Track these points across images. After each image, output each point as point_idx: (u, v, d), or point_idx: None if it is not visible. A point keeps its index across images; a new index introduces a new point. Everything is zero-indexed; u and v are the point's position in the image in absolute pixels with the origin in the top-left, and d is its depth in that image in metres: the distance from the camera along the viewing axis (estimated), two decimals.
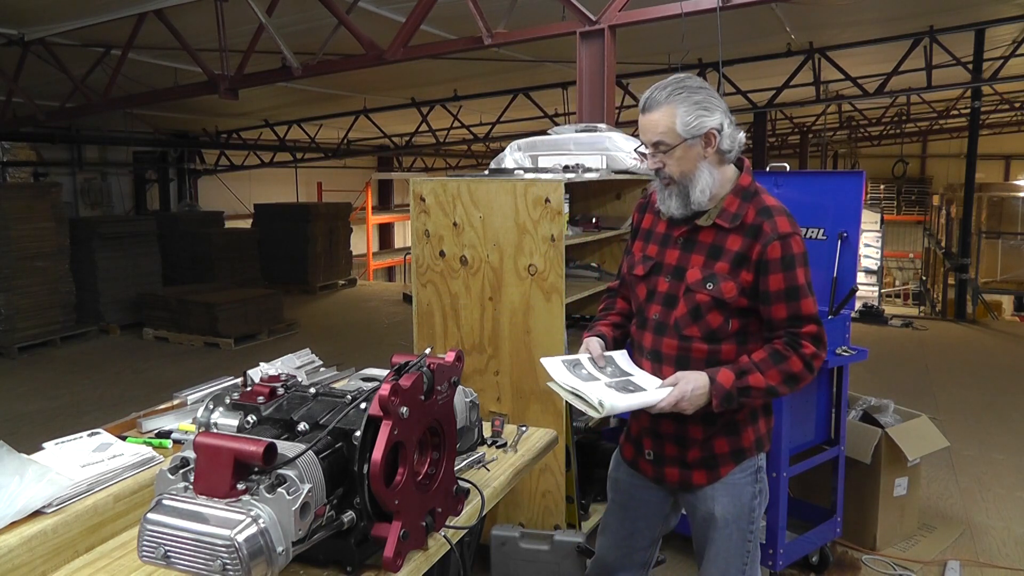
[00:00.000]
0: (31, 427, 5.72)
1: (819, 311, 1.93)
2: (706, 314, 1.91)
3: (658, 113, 1.86)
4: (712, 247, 1.91)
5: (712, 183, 1.89)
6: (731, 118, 1.91)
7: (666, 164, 1.90)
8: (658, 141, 1.88)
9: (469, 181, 3.08)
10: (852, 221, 3.18)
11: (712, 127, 1.85)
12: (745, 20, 6.88)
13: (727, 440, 1.97)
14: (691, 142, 1.85)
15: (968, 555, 3.49)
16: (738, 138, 1.91)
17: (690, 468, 2.00)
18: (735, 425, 1.97)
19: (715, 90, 1.91)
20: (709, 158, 1.88)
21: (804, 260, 1.89)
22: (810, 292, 1.89)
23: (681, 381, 1.85)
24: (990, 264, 11.45)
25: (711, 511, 1.99)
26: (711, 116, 1.85)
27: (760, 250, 1.85)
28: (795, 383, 1.88)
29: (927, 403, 5.77)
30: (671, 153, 1.87)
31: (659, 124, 1.86)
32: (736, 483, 1.98)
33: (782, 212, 1.90)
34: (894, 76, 9.59)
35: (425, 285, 3.20)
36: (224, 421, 1.52)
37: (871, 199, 21.73)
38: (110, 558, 1.57)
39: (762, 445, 2.02)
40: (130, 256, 9.64)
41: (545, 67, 8.66)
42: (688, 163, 1.88)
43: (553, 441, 2.33)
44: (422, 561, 1.55)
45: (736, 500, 1.99)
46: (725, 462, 1.98)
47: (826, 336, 1.91)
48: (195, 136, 13.67)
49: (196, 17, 5.88)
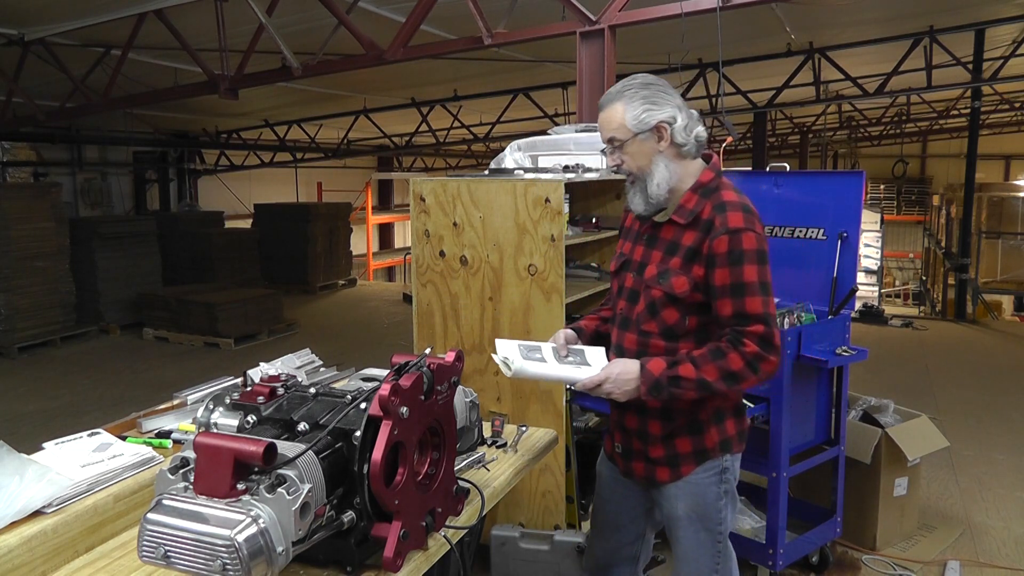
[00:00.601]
0: (31, 427, 5.72)
1: (769, 314, 1.85)
2: (661, 310, 1.93)
3: (609, 110, 1.92)
4: (670, 243, 1.94)
5: (669, 177, 1.92)
6: (688, 113, 1.93)
7: (624, 160, 1.94)
8: (611, 137, 1.93)
9: (469, 181, 3.08)
10: (852, 221, 3.18)
11: (661, 120, 1.89)
12: (745, 20, 6.88)
13: (690, 440, 1.98)
14: (643, 136, 1.90)
15: (968, 555, 3.49)
16: (695, 132, 1.92)
17: (654, 464, 2.03)
18: (698, 425, 1.97)
19: (672, 87, 1.95)
20: (665, 152, 1.91)
21: (756, 258, 1.85)
22: (761, 292, 1.85)
23: (611, 363, 1.89)
24: (990, 264, 11.44)
25: (675, 509, 2.02)
26: (660, 110, 1.89)
27: (709, 244, 1.86)
28: (735, 381, 1.85)
29: (927, 403, 5.77)
30: (625, 148, 1.92)
31: (611, 120, 1.92)
32: (699, 483, 1.99)
33: (737, 208, 1.89)
34: (894, 76, 9.59)
35: (425, 285, 3.20)
36: (224, 421, 1.52)
37: (871, 199, 21.73)
38: (110, 558, 1.57)
39: (729, 447, 2.01)
40: (130, 256, 9.64)
41: (545, 67, 8.66)
42: (643, 158, 1.92)
43: (553, 441, 2.33)
44: (422, 561, 1.55)
45: (699, 499, 2.00)
46: (687, 461, 1.99)
47: (777, 339, 1.85)
48: (195, 136, 13.67)
49: (196, 17, 5.88)
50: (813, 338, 2.98)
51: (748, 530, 3.28)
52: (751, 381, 1.86)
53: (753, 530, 3.28)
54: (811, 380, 3.15)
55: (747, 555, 3.15)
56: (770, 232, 3.41)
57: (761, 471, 3.04)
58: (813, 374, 3.13)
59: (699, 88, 9.78)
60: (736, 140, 13.31)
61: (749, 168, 13.50)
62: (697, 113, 1.97)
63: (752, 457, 3.09)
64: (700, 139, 1.94)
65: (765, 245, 1.88)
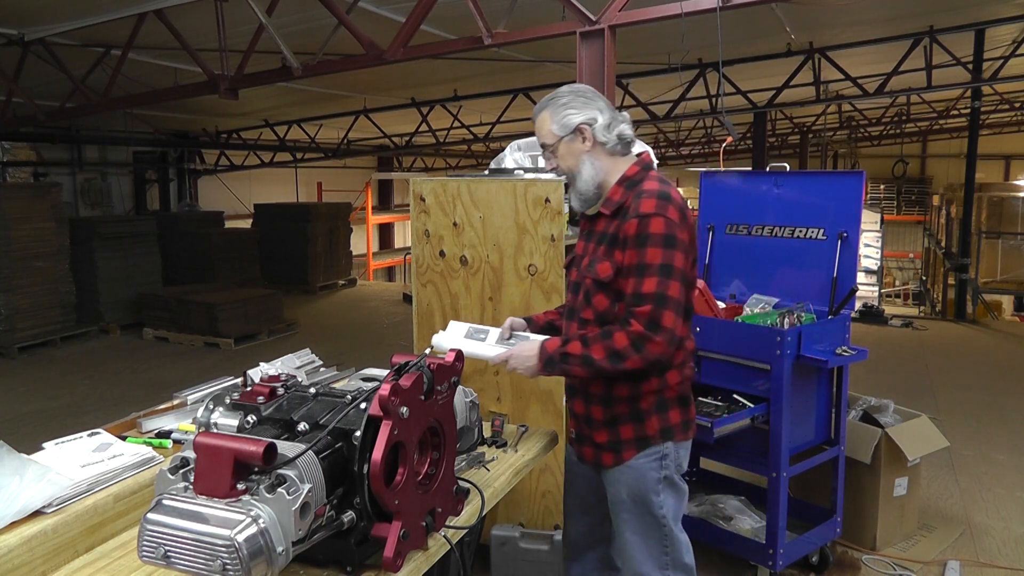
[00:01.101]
0: (31, 427, 5.72)
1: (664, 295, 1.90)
2: (593, 296, 2.06)
3: (539, 120, 2.11)
4: (600, 234, 2.09)
5: (595, 174, 2.07)
6: (610, 114, 2.07)
7: (557, 163, 2.11)
8: (543, 143, 2.11)
9: (469, 181, 3.08)
10: (852, 221, 3.18)
11: (580, 122, 2.05)
12: (745, 20, 6.88)
13: (632, 427, 2.09)
14: (568, 138, 2.06)
15: (968, 555, 3.49)
16: (617, 131, 2.07)
17: (600, 449, 2.15)
18: (640, 413, 2.08)
19: (596, 93, 2.10)
20: (591, 152, 2.07)
21: (663, 242, 1.93)
22: (660, 273, 1.92)
23: (519, 344, 2.07)
24: (990, 264, 11.44)
25: (619, 494, 2.14)
26: (579, 112, 2.05)
27: (623, 228, 1.99)
28: (620, 360, 1.93)
29: (927, 403, 5.76)
30: (555, 151, 2.09)
31: (541, 128, 2.10)
32: (639, 467, 2.09)
33: (652, 195, 1.99)
34: (894, 76, 9.58)
35: (425, 285, 3.20)
36: (224, 421, 1.52)
37: (871, 199, 21.73)
38: (110, 558, 1.57)
39: (671, 435, 2.10)
40: (130, 256, 9.64)
41: (545, 67, 8.66)
42: (571, 159, 2.08)
43: (553, 441, 2.34)
44: (422, 561, 1.55)
45: (639, 482, 2.10)
46: (628, 447, 2.10)
47: (666, 322, 1.89)
48: (195, 136, 13.66)
49: (196, 17, 5.87)
50: (813, 338, 2.98)
51: (748, 530, 3.28)
52: (635, 361, 1.93)
53: (753, 530, 3.28)
54: (811, 380, 3.15)
55: (747, 555, 3.16)
56: (770, 232, 3.42)
57: (761, 471, 3.04)
58: (813, 374, 3.13)
59: (699, 88, 9.78)
60: (736, 140, 13.32)
61: (749, 168, 13.53)
62: (625, 114, 2.12)
63: (752, 457, 3.09)
64: (624, 136, 2.08)
65: (677, 232, 1.96)
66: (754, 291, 3.42)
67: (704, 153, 20.40)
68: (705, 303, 3.15)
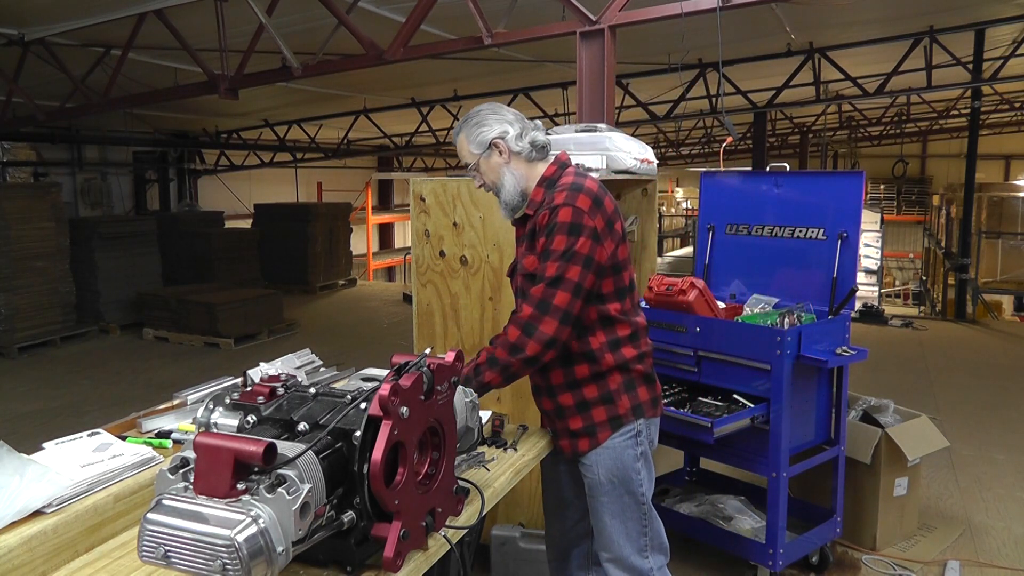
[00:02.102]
0: (31, 427, 5.73)
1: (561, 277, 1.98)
2: (526, 291, 2.11)
3: (457, 143, 2.21)
4: (528, 233, 2.17)
5: (516, 183, 2.17)
6: (520, 125, 2.16)
7: (482, 180, 2.21)
8: (466, 163, 2.22)
9: (469, 181, 3.07)
10: (852, 221, 3.18)
11: (492, 137, 2.15)
12: (745, 20, 6.88)
13: (604, 408, 2.16)
14: (485, 155, 2.17)
15: (968, 555, 3.49)
16: (529, 138, 2.15)
17: (576, 437, 2.20)
18: (609, 395, 2.15)
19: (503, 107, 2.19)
20: (511, 163, 2.16)
21: (568, 229, 2.01)
22: (562, 258, 2.00)
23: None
24: (990, 264, 11.44)
25: (596, 477, 2.19)
26: (489, 128, 2.15)
27: (538, 220, 2.09)
28: (518, 351, 2.01)
29: (927, 403, 5.77)
30: (477, 168, 2.20)
31: (461, 150, 2.21)
32: (616, 446, 2.16)
33: (564, 188, 2.08)
34: (894, 76, 9.59)
35: (425, 285, 3.20)
36: (224, 421, 1.52)
37: (871, 199, 21.76)
38: (110, 558, 1.57)
39: (642, 412, 2.18)
40: (130, 256, 9.64)
41: (545, 67, 8.66)
42: (492, 173, 2.19)
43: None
44: (422, 561, 1.55)
45: (618, 461, 2.16)
46: (603, 429, 2.16)
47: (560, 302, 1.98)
48: (195, 136, 13.66)
49: (196, 17, 5.87)
50: (813, 338, 2.98)
51: (748, 530, 3.28)
52: (532, 347, 2.00)
53: (753, 530, 3.28)
54: (811, 380, 3.15)
55: (747, 555, 3.15)
56: (770, 232, 3.42)
57: (761, 471, 3.04)
58: (813, 374, 3.13)
59: (699, 88, 9.79)
60: (736, 140, 13.31)
61: (749, 168, 13.54)
62: (536, 122, 2.21)
63: (752, 457, 3.09)
64: (536, 142, 2.16)
65: (583, 219, 2.02)
66: (754, 291, 3.42)
67: (704, 153, 20.41)
68: (705, 303, 3.14)
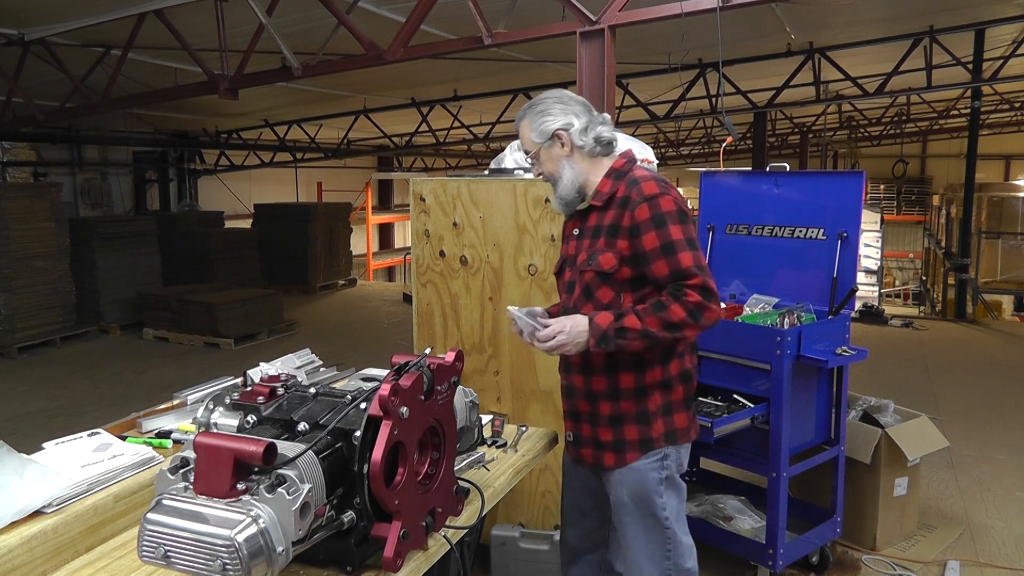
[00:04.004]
0: (31, 427, 5.72)
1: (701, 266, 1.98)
2: (596, 290, 2.07)
3: (520, 129, 2.17)
4: (594, 228, 2.11)
5: (575, 177, 2.12)
6: (586, 118, 2.11)
7: (540, 168, 2.17)
8: (525, 150, 2.18)
9: (469, 181, 3.08)
10: (852, 221, 3.18)
11: (556, 128, 2.09)
12: (745, 20, 6.88)
13: (637, 428, 2.09)
14: (547, 145, 2.11)
15: (968, 555, 3.49)
16: (594, 134, 2.10)
17: (602, 450, 2.14)
18: (646, 415, 2.08)
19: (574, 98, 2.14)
20: (570, 156, 2.11)
21: (678, 217, 2.00)
22: (689, 247, 1.98)
23: (565, 317, 2.03)
24: (990, 264, 11.44)
25: (620, 496, 2.13)
26: (555, 119, 2.10)
27: (630, 215, 2.02)
28: (677, 330, 1.96)
29: (927, 403, 5.76)
30: (537, 157, 2.15)
31: (522, 137, 2.17)
32: (640, 468, 2.10)
33: (649, 178, 2.05)
34: (894, 76, 9.59)
35: (425, 285, 3.20)
36: (224, 421, 1.52)
37: (871, 199, 21.72)
38: (110, 558, 1.57)
39: (674, 439, 2.11)
40: (130, 256, 9.64)
41: (545, 67, 8.66)
42: (552, 164, 2.13)
43: (553, 441, 2.34)
44: (422, 561, 1.55)
45: (641, 485, 2.10)
46: (632, 449, 2.10)
47: (715, 288, 1.98)
48: (195, 136, 13.66)
49: (196, 17, 5.87)
50: (813, 338, 2.98)
51: (748, 530, 3.28)
52: (693, 329, 1.99)
53: (753, 530, 3.28)
54: (811, 380, 3.15)
55: (747, 555, 3.15)
56: (770, 232, 3.42)
57: (761, 471, 3.04)
58: (813, 374, 3.13)
59: (699, 88, 9.78)
60: (736, 140, 13.31)
61: (749, 168, 13.53)
62: (604, 115, 2.17)
63: (752, 457, 3.09)
64: (602, 139, 2.11)
65: (685, 206, 2.03)
66: (754, 291, 3.42)
67: (704, 153, 20.41)
68: None
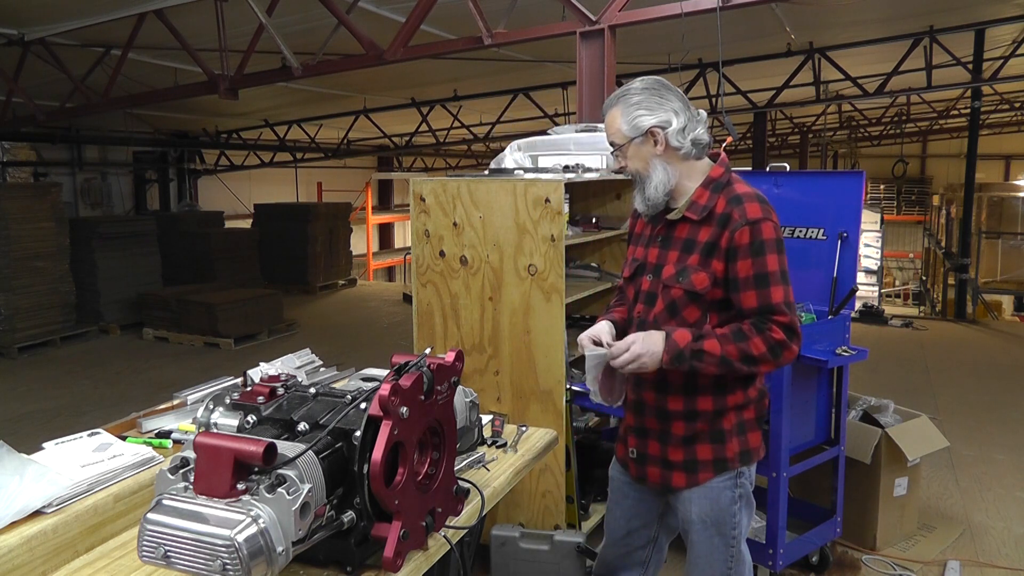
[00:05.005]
0: (31, 427, 5.72)
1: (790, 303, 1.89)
2: (682, 309, 1.94)
3: (609, 115, 1.99)
4: (686, 241, 1.95)
5: (667, 180, 1.95)
6: (688, 116, 1.94)
7: (625, 163, 2.00)
8: (612, 141, 2.00)
9: (469, 181, 3.08)
10: (852, 221, 3.18)
11: (652, 126, 1.92)
12: (745, 20, 6.88)
13: (711, 447, 1.98)
14: (637, 140, 1.94)
15: (968, 555, 3.49)
16: (692, 135, 1.94)
17: (671, 469, 2.02)
18: (721, 434, 1.98)
19: (673, 89, 1.96)
20: (663, 156, 1.94)
21: (777, 247, 1.88)
22: (783, 281, 1.88)
23: (639, 332, 1.91)
24: (990, 264, 11.45)
25: (689, 514, 2.02)
26: (651, 115, 1.92)
27: (729, 237, 1.87)
28: (754, 364, 1.87)
29: (927, 403, 5.76)
30: (624, 151, 1.98)
31: (611, 125, 1.98)
32: (714, 487, 2.00)
33: (753, 199, 1.90)
34: (894, 76, 9.59)
35: (425, 285, 3.20)
36: (224, 421, 1.52)
37: (871, 199, 21.74)
38: (110, 558, 1.57)
39: (748, 459, 2.01)
40: (130, 256, 9.64)
41: (545, 67, 8.66)
42: (641, 161, 1.96)
43: (553, 441, 2.33)
44: (422, 561, 1.55)
45: (714, 504, 2.00)
46: (705, 469, 1.99)
47: (799, 329, 1.90)
48: (195, 136, 13.66)
49: (196, 17, 5.88)
50: (813, 338, 2.98)
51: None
52: (769, 365, 1.89)
53: (753, 530, 3.27)
54: (811, 380, 3.15)
55: None
56: None
57: (761, 471, 3.02)
58: (813, 374, 3.13)
59: (699, 88, 9.78)
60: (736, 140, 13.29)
61: (749, 168, 13.52)
62: (702, 114, 1.99)
63: None
64: (699, 142, 1.95)
65: (782, 234, 1.91)
66: None
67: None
68: None
